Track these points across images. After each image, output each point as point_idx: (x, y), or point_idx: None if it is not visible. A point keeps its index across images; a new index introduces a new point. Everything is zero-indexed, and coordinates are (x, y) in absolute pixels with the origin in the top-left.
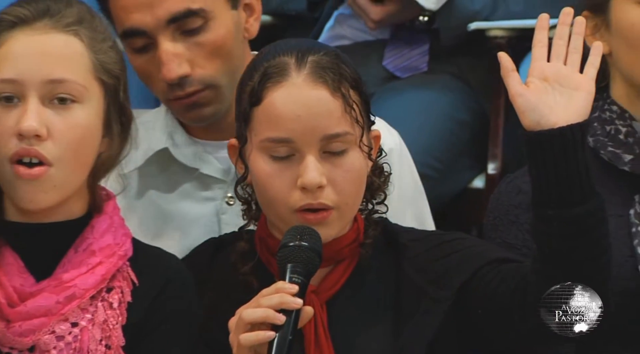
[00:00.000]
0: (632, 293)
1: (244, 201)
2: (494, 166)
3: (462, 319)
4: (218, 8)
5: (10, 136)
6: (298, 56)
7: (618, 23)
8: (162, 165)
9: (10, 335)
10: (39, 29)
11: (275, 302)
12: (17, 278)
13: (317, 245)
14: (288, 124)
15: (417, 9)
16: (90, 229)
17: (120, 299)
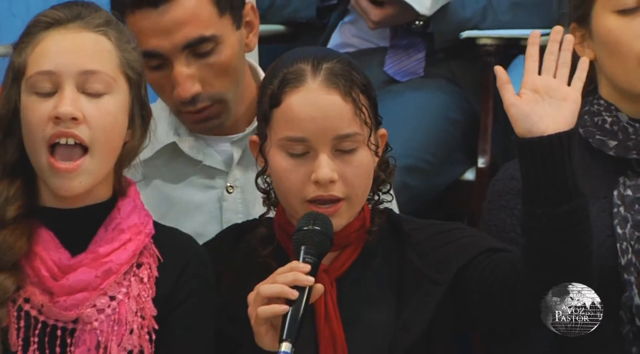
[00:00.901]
0: (610, 268)
1: (263, 191)
2: (484, 160)
3: (458, 301)
4: (226, 31)
5: (47, 121)
6: (314, 63)
7: (598, 31)
8: (168, 157)
9: (56, 309)
10: (73, 29)
11: (290, 279)
12: (55, 253)
13: (328, 230)
14: (304, 124)
15: (414, 14)
16: (117, 211)
17: (149, 274)
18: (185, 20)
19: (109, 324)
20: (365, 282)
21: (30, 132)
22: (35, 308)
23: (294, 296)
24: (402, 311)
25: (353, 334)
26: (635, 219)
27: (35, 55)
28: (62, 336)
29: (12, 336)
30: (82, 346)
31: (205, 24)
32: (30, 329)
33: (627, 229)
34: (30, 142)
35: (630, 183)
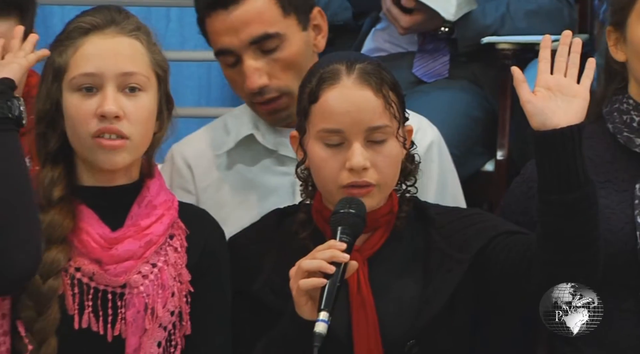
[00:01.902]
0: (628, 251)
1: (302, 180)
2: (502, 153)
3: (478, 278)
4: (290, 31)
5: (92, 117)
6: (348, 64)
7: (631, 38)
8: (248, 147)
9: (107, 276)
10: (110, 34)
11: (328, 255)
12: (98, 227)
13: (362, 212)
14: (339, 117)
15: (439, 21)
16: (147, 189)
17: (181, 243)
18: (250, 19)
19: (153, 288)
20: (394, 261)
21: (75, 127)
22: (86, 276)
23: (332, 271)
24: (427, 286)
25: (382, 306)
26: None
27: (77, 58)
28: (113, 300)
29: (69, 302)
30: (132, 308)
31: (269, 23)
32: (83, 295)
33: None
34: (74, 135)
35: None
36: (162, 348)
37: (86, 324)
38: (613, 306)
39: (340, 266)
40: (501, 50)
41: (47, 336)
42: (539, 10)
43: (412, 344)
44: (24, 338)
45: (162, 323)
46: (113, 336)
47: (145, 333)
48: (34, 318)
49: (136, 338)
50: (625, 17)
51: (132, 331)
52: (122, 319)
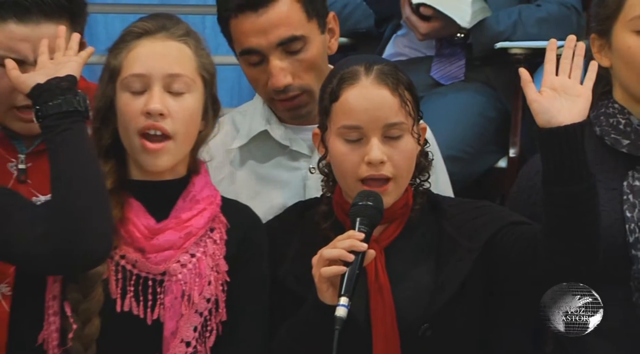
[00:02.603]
0: (618, 245)
1: (324, 175)
2: (514, 150)
3: (487, 265)
4: (313, 33)
5: (139, 115)
6: (366, 65)
7: (617, 46)
8: (261, 142)
9: (148, 264)
10: (159, 39)
11: (347, 244)
12: (144, 219)
13: (379, 205)
14: (358, 115)
15: (456, 27)
16: (192, 185)
17: (220, 236)
18: (279, 22)
19: (191, 276)
20: (408, 250)
21: (125, 123)
22: (129, 263)
23: (351, 259)
24: (439, 273)
25: (398, 292)
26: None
27: (129, 59)
28: (153, 286)
29: (112, 286)
30: (170, 294)
31: (296, 26)
32: (126, 281)
33: (634, 213)
34: (124, 131)
35: (639, 176)
36: (197, 332)
37: (128, 307)
38: (605, 297)
39: (359, 255)
40: (513, 54)
41: (90, 316)
42: (548, 17)
43: (426, 328)
44: (70, 318)
45: (198, 309)
46: (152, 320)
47: (182, 318)
48: (79, 300)
49: (173, 322)
50: (610, 26)
51: (170, 316)
52: (160, 305)
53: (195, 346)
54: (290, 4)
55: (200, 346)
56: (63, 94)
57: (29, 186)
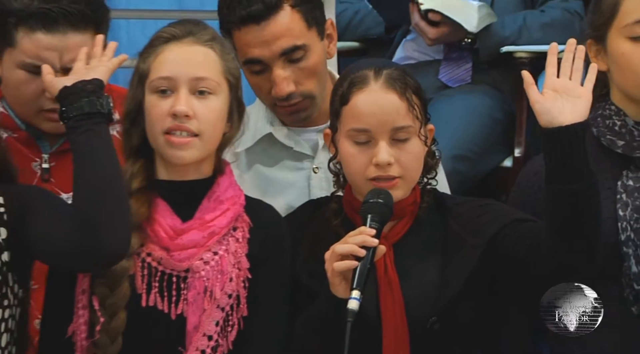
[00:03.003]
0: (611, 244)
1: (334, 174)
2: (519, 150)
3: (491, 261)
4: (313, 41)
5: (166, 116)
6: (375, 70)
7: (612, 51)
8: (265, 145)
9: (172, 261)
10: (186, 43)
11: (359, 240)
12: (169, 219)
13: (389, 202)
14: (367, 119)
15: (463, 32)
16: (217, 185)
17: (243, 235)
18: (281, 33)
19: (213, 273)
20: (416, 246)
21: (152, 124)
22: (155, 260)
23: (362, 254)
24: (445, 269)
25: (406, 287)
26: (635, 204)
27: (157, 63)
28: (177, 282)
29: (138, 282)
30: (192, 290)
31: (297, 36)
32: (151, 277)
33: (627, 212)
34: (151, 131)
35: (633, 176)
36: (219, 326)
37: (152, 302)
38: (599, 293)
39: (370, 250)
40: (519, 58)
41: (117, 310)
42: (552, 22)
43: (434, 321)
44: (97, 311)
45: (220, 304)
46: (176, 315)
47: (204, 313)
48: (106, 294)
49: (196, 317)
50: (605, 32)
51: (193, 311)
52: (184, 300)
53: (217, 340)
54: (291, 15)
55: (222, 340)
56: (87, 97)
57: (52, 184)
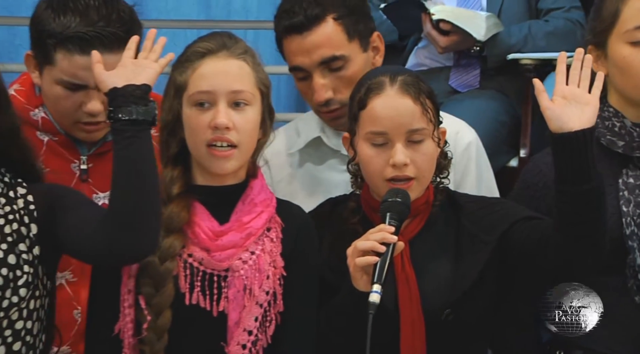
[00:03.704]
0: (616, 239)
1: (353, 174)
2: (524, 151)
3: (502, 257)
4: (354, 53)
5: (207, 128)
6: (391, 76)
7: (613, 56)
8: (315, 147)
9: (213, 261)
10: (221, 57)
11: (379, 237)
12: (208, 222)
13: (407, 201)
14: (384, 122)
15: (472, 40)
16: (250, 189)
17: (276, 235)
18: (321, 43)
19: (251, 272)
20: (431, 242)
21: (193, 136)
22: (196, 261)
23: (383, 250)
24: (458, 264)
25: (422, 281)
26: (637, 200)
27: (195, 77)
28: (217, 281)
29: (181, 282)
30: (233, 288)
31: (336, 46)
32: (194, 276)
33: (630, 208)
34: (192, 142)
35: (632, 174)
36: (258, 322)
37: (195, 301)
38: (604, 284)
39: (390, 246)
40: (524, 65)
41: (163, 309)
42: (555, 31)
43: (448, 313)
44: (144, 310)
45: (259, 301)
46: (217, 312)
47: (244, 309)
48: (152, 294)
49: (237, 313)
50: (605, 38)
51: (233, 307)
52: (225, 298)
53: (257, 335)
54: (332, 26)
55: (261, 334)
56: (135, 103)
57: (90, 184)
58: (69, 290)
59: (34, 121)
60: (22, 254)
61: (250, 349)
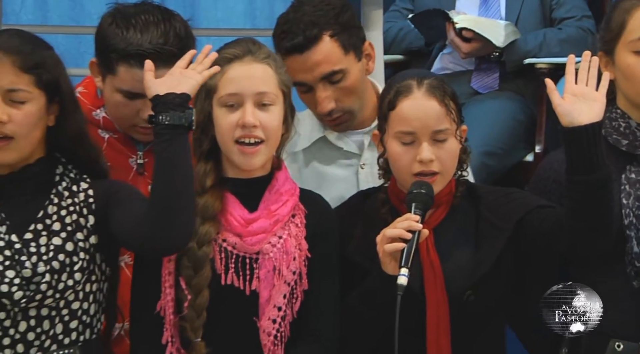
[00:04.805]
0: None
1: (382, 169)
2: (539, 147)
3: (518, 243)
4: (350, 64)
5: (235, 127)
6: (418, 80)
7: (619, 63)
8: (320, 145)
9: (245, 245)
10: (247, 62)
11: (406, 225)
12: (239, 210)
13: (431, 192)
14: (412, 122)
15: (492, 47)
16: (275, 180)
17: (300, 221)
18: (320, 61)
19: (280, 254)
20: (452, 230)
21: (223, 134)
22: (230, 245)
23: (409, 237)
24: (479, 249)
25: (446, 265)
26: (637, 194)
27: (224, 81)
28: (249, 263)
29: (217, 264)
30: (263, 269)
31: (335, 62)
32: (228, 259)
33: (630, 200)
34: (223, 139)
35: (635, 169)
36: (286, 299)
37: (230, 281)
38: (606, 269)
39: (416, 233)
40: (539, 68)
41: (201, 289)
42: (568, 38)
43: (469, 294)
44: (185, 290)
45: (286, 280)
46: (250, 290)
47: (273, 288)
48: (191, 275)
49: (267, 292)
50: (613, 46)
51: (264, 286)
52: (256, 278)
53: (285, 310)
54: (329, 44)
55: (289, 310)
56: (174, 109)
57: (146, 177)
58: (127, 272)
59: (96, 120)
60: (79, 243)
61: (280, 323)
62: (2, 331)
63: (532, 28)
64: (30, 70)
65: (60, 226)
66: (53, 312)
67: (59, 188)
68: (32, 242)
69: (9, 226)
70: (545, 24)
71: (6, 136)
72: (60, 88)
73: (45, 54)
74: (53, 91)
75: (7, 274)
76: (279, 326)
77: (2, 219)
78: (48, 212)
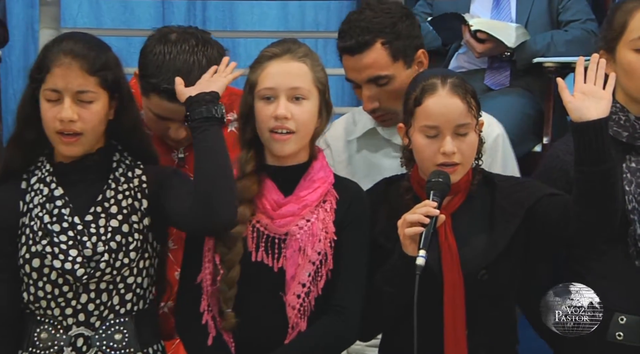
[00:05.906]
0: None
1: (406, 158)
2: (547, 139)
3: (529, 228)
4: (397, 71)
5: (270, 118)
6: (442, 79)
7: (620, 60)
8: (371, 136)
9: (275, 227)
10: (285, 60)
11: (424, 210)
12: (274, 195)
13: (448, 181)
14: (436, 118)
15: (504, 47)
16: (311, 168)
17: (330, 206)
18: (368, 64)
19: (306, 236)
20: (469, 215)
21: (260, 123)
22: (262, 226)
23: (427, 221)
24: (492, 233)
25: (462, 247)
26: (637, 181)
27: (263, 76)
28: (278, 243)
29: (249, 242)
30: (290, 248)
31: (382, 68)
32: (259, 239)
33: (632, 187)
34: (260, 129)
35: (635, 159)
36: (311, 277)
37: (260, 258)
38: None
39: (433, 218)
40: (547, 67)
41: (233, 264)
42: (574, 39)
43: (483, 274)
44: (218, 265)
45: (311, 259)
46: (277, 267)
47: (299, 266)
48: (225, 252)
49: (293, 269)
50: (615, 45)
51: (290, 264)
52: (284, 256)
53: (309, 287)
54: (379, 51)
55: (313, 287)
56: (206, 105)
57: (186, 169)
58: (170, 256)
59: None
60: (134, 224)
61: (304, 298)
62: (66, 302)
63: (540, 30)
64: (96, 73)
65: (117, 209)
66: (110, 286)
67: (116, 174)
68: (92, 224)
69: (72, 208)
70: (553, 26)
71: (76, 133)
72: (120, 86)
73: (108, 56)
74: (114, 89)
75: (71, 253)
76: (303, 301)
77: (66, 202)
78: (106, 196)
